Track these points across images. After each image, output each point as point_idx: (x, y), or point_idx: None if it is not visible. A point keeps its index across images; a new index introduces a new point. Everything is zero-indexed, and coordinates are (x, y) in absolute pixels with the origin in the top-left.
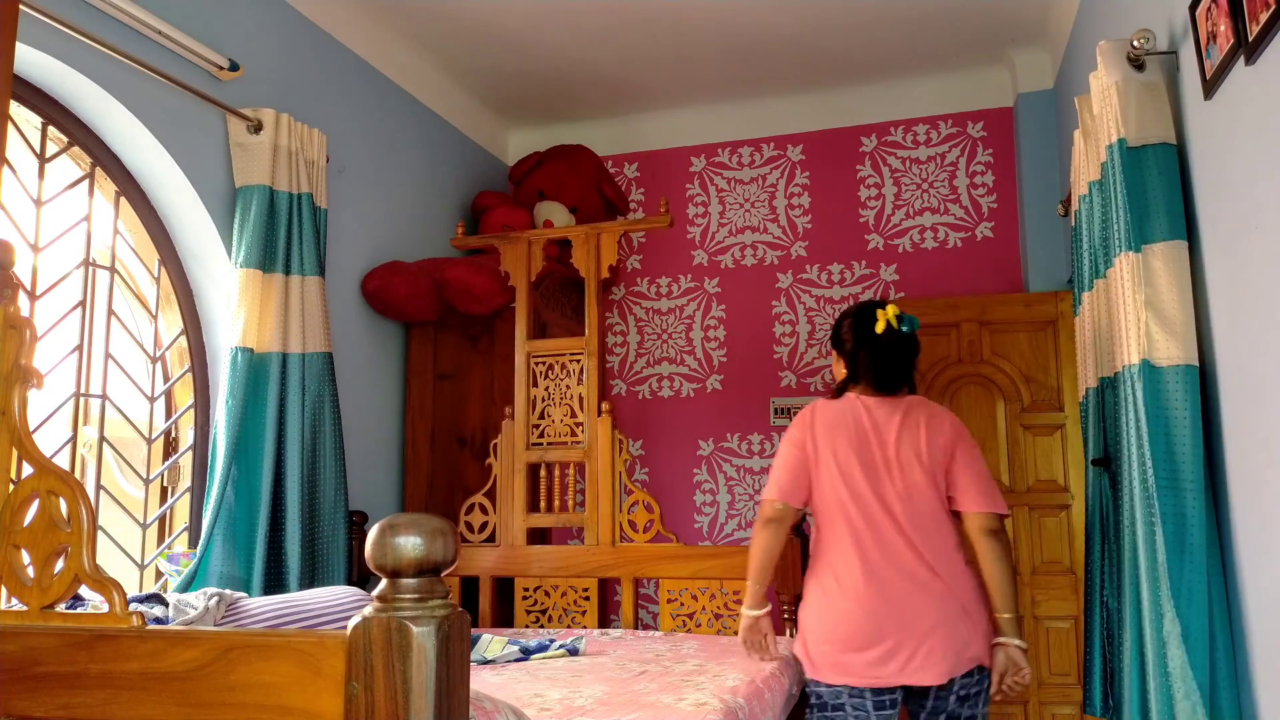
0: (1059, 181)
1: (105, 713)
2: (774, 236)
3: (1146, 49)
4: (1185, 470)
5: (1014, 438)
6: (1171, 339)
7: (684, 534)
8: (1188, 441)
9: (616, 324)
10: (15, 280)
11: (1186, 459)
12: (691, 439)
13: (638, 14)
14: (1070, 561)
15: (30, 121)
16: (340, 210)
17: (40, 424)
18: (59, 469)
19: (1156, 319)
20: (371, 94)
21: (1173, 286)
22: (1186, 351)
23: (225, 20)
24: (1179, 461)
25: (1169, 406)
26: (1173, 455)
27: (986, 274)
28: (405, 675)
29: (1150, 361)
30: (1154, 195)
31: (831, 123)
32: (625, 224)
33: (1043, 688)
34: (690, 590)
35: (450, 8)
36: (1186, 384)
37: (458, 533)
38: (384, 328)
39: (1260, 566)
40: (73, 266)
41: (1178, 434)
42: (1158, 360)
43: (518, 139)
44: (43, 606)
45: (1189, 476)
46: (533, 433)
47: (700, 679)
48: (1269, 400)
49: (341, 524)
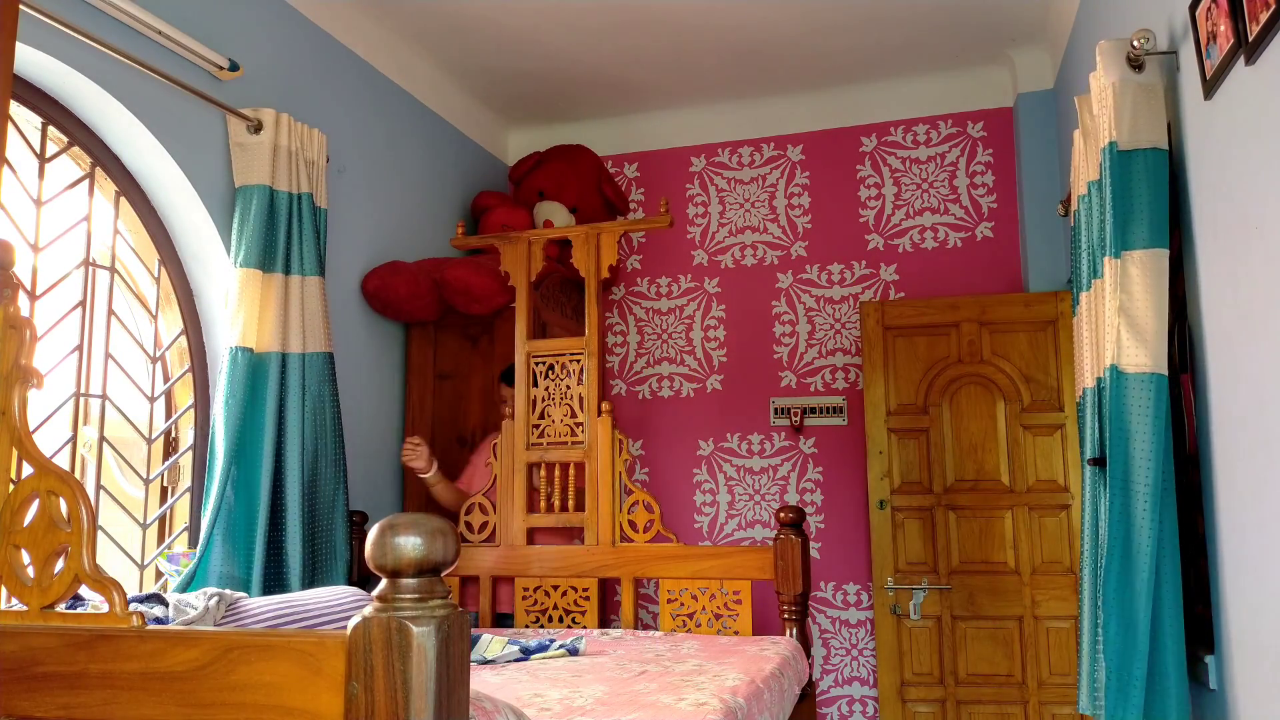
0: (1059, 181)
1: (105, 713)
2: (774, 236)
3: (1146, 49)
4: (1138, 474)
5: (1014, 438)
6: (1140, 347)
7: (684, 534)
8: (1146, 446)
9: (616, 324)
10: (15, 280)
11: (1143, 464)
12: (691, 439)
13: (638, 14)
14: (1070, 561)
15: (30, 121)
16: (340, 210)
17: (40, 424)
18: (59, 469)
19: (1128, 326)
20: (371, 94)
21: (1147, 294)
22: (1155, 360)
23: (225, 20)
24: (1134, 465)
25: (1130, 412)
26: (1129, 459)
27: (986, 274)
28: (405, 675)
29: (1118, 367)
30: (1138, 201)
31: (831, 123)
32: (625, 224)
33: (1043, 688)
34: (690, 590)
35: (450, 7)
36: (1151, 391)
37: (458, 533)
38: (384, 328)
39: (1249, 569)
40: (73, 266)
41: (1136, 438)
42: (1125, 367)
43: (518, 139)
44: (43, 606)
45: (1142, 480)
46: (533, 433)
47: (700, 679)
48: (1267, 403)
49: (341, 524)
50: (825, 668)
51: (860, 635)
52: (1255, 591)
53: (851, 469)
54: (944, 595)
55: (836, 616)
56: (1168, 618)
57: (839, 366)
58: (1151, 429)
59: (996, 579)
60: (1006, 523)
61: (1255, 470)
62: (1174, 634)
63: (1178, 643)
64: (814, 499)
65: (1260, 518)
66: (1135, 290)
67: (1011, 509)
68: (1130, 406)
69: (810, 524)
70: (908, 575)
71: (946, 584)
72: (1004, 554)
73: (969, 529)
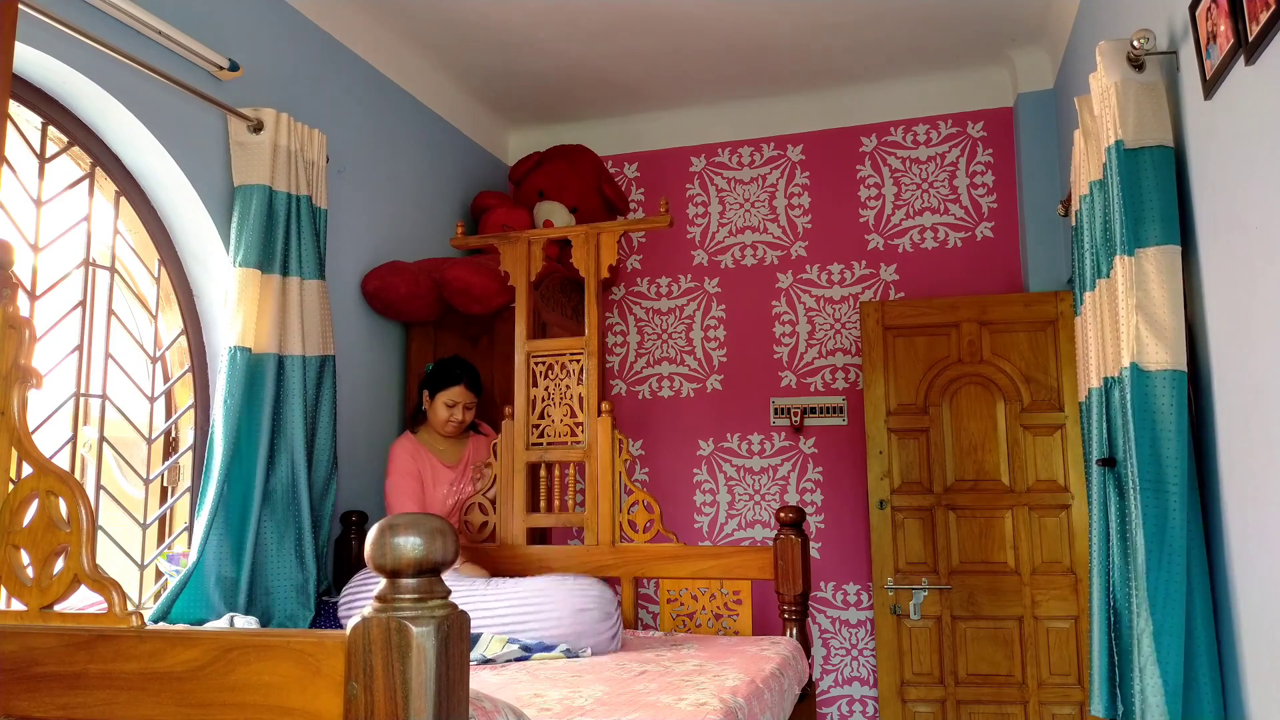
0: (1059, 181)
1: (105, 713)
2: (774, 236)
3: (1146, 49)
4: (1169, 473)
5: (1014, 438)
6: (1160, 344)
7: (684, 534)
8: (1173, 445)
9: (616, 324)
10: (15, 280)
11: (1171, 462)
12: (691, 439)
13: (638, 14)
14: (1070, 561)
15: (30, 121)
16: (340, 210)
17: (40, 424)
18: (59, 469)
19: (1146, 323)
20: (371, 94)
21: (1164, 291)
22: (1175, 357)
23: (225, 20)
24: (1164, 464)
25: (1156, 410)
26: (1158, 458)
27: (986, 274)
28: (405, 675)
29: (1139, 365)
30: (1149, 199)
31: (831, 123)
32: (625, 224)
33: (1043, 688)
34: (690, 590)
35: (450, 7)
36: (1174, 389)
37: (457, 533)
38: (384, 328)
39: (1253, 569)
40: (73, 266)
41: (1164, 437)
42: (1146, 364)
43: (518, 139)
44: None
45: (1173, 479)
46: (533, 433)
47: (700, 679)
48: (1268, 403)
49: (327, 527)
50: (825, 668)
51: (860, 635)
52: (1260, 590)
53: (851, 469)
54: (944, 595)
55: (836, 616)
56: (1199, 618)
57: (839, 366)
58: (1176, 427)
59: (996, 579)
60: (1006, 523)
61: (1257, 470)
62: (1206, 634)
63: (1209, 644)
64: (814, 499)
65: (1262, 517)
66: (1152, 287)
67: (1011, 509)
68: (1156, 405)
69: (810, 524)
70: (908, 575)
71: (946, 584)
72: (1004, 554)
73: (969, 529)
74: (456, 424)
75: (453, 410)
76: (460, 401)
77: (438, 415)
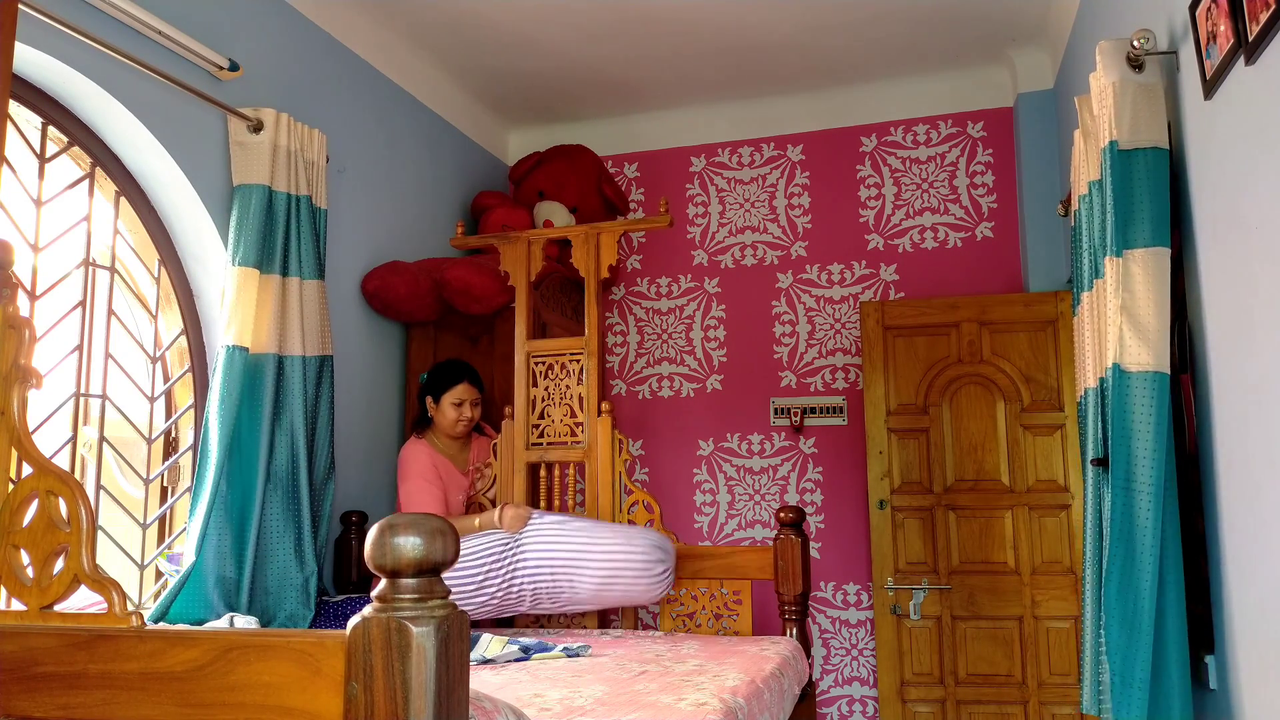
0: (1059, 181)
1: (105, 713)
2: (774, 236)
3: (1146, 49)
4: (1141, 472)
5: (1014, 438)
6: (1143, 345)
7: (684, 534)
8: (1149, 445)
9: (616, 324)
10: (15, 280)
11: (1145, 463)
12: (691, 439)
13: (638, 14)
14: (1070, 561)
15: (30, 121)
16: (340, 210)
17: (40, 424)
18: (59, 469)
19: (1130, 324)
20: (371, 94)
21: (1149, 293)
22: (1157, 358)
23: (225, 20)
24: (1136, 465)
25: (1133, 411)
26: (1131, 458)
27: (986, 274)
28: (405, 675)
29: (1120, 366)
30: (1139, 200)
31: (831, 123)
32: (625, 224)
33: (1043, 688)
34: (690, 590)
35: (450, 8)
36: (1153, 389)
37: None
38: (384, 328)
39: (1253, 569)
40: (73, 266)
41: (1139, 438)
42: (1127, 365)
43: (518, 139)
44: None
45: (1144, 479)
46: (533, 433)
47: (700, 679)
48: (1266, 403)
49: (325, 528)
50: (825, 668)
51: (860, 635)
52: (1256, 591)
53: (851, 469)
54: (944, 595)
55: (836, 616)
56: (1171, 618)
57: (839, 366)
58: (1154, 428)
59: (996, 579)
60: (1006, 523)
61: (1255, 470)
62: (1177, 634)
63: (1181, 643)
64: (814, 499)
65: (1261, 517)
66: (1137, 289)
67: (1011, 509)
68: (1133, 405)
69: (810, 524)
70: (908, 575)
71: (946, 584)
72: (1004, 554)
73: (969, 529)
74: (467, 421)
75: (461, 409)
76: (467, 399)
77: (446, 417)
